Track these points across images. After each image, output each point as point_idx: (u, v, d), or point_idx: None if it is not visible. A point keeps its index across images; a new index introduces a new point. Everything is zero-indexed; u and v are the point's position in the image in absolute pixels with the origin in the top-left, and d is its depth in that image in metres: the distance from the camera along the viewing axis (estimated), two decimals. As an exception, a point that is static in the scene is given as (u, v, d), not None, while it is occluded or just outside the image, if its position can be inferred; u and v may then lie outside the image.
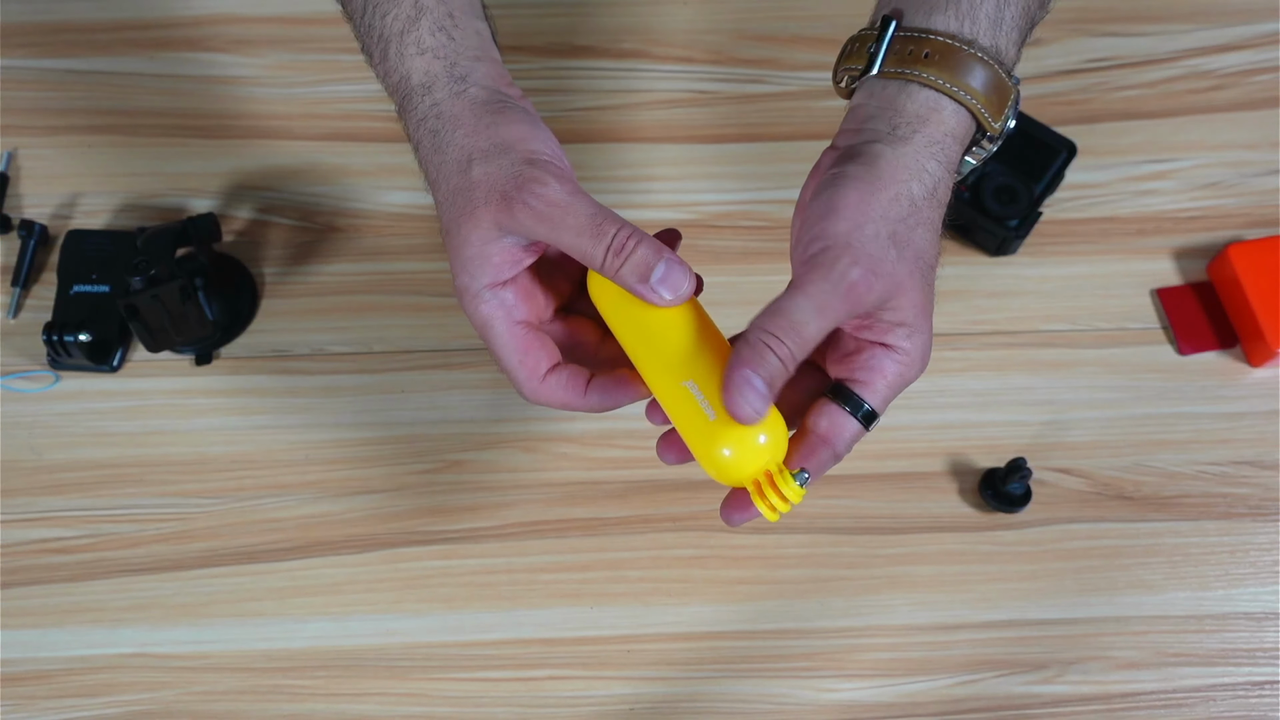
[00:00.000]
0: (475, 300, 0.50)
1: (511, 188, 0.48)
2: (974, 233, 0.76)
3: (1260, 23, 0.85)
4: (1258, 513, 0.70)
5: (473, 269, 0.50)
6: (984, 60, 0.49)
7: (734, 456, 0.47)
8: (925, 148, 0.49)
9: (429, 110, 0.51)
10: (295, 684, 0.66)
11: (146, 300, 0.67)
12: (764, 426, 0.47)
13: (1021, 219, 0.74)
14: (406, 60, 0.51)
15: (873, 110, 0.51)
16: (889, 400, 0.51)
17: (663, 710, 0.66)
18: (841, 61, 0.53)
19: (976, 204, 0.74)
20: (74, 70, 0.82)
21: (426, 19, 0.51)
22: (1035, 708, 0.66)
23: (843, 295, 0.47)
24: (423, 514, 0.70)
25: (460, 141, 0.50)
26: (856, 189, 0.48)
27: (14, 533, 0.69)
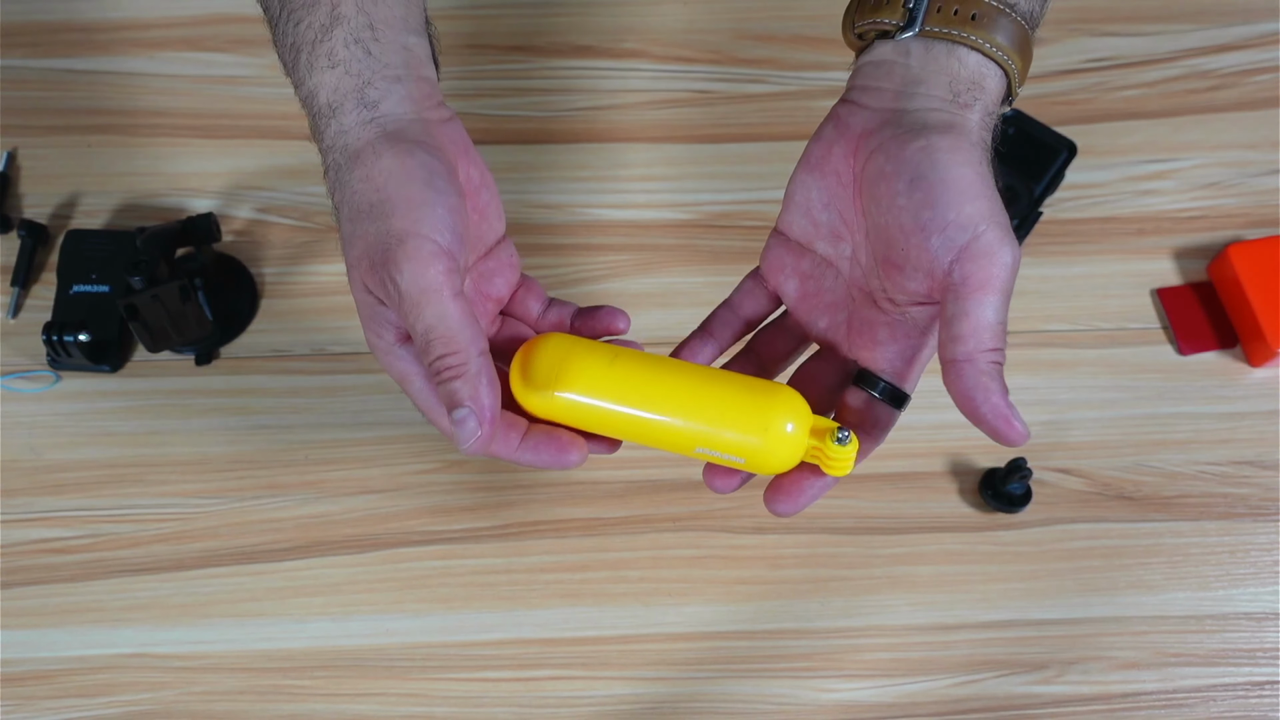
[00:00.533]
0: (389, 356, 0.49)
1: (377, 258, 0.45)
2: None
3: (1260, 23, 0.85)
4: (1258, 513, 0.70)
5: (377, 327, 0.48)
6: (1020, 24, 0.47)
7: (785, 462, 0.48)
8: (984, 118, 0.47)
9: (335, 139, 0.47)
10: (295, 684, 0.66)
11: (146, 300, 0.67)
12: (786, 412, 0.47)
13: (1022, 219, 0.74)
14: (315, 74, 0.47)
15: (917, 73, 0.47)
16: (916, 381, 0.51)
17: (663, 710, 0.66)
18: (864, 13, 0.49)
19: None
20: (74, 70, 0.82)
21: (341, 29, 0.47)
22: (1035, 708, 0.66)
23: (1013, 273, 0.45)
24: (423, 514, 0.70)
25: (354, 186, 0.46)
26: (967, 165, 0.45)
27: (14, 533, 0.69)
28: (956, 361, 0.45)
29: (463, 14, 0.84)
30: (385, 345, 0.49)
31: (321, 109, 0.47)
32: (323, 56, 0.47)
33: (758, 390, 0.48)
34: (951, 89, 0.47)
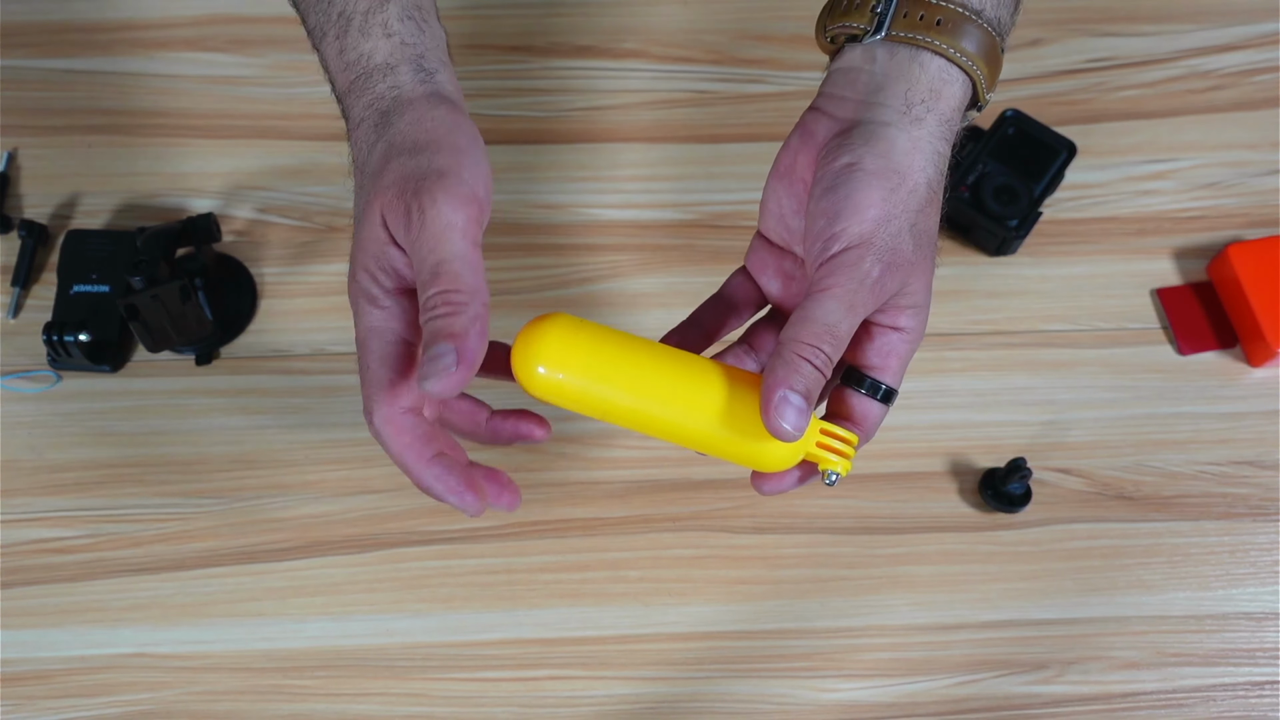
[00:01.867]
0: (364, 304, 0.48)
1: (409, 187, 0.46)
2: (974, 232, 0.76)
3: (1260, 23, 0.85)
4: (1258, 513, 0.70)
5: (370, 266, 0.48)
6: (988, 31, 0.49)
7: (784, 462, 0.48)
8: (938, 128, 0.48)
9: (386, 90, 0.49)
10: (295, 684, 0.66)
11: (146, 300, 0.67)
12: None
13: (1021, 219, 0.74)
14: (370, 40, 0.49)
15: (880, 79, 0.49)
16: (902, 376, 0.51)
17: (663, 710, 0.66)
18: (834, 17, 0.50)
19: (977, 204, 0.74)
20: (74, 70, 0.82)
21: (394, 4, 0.50)
22: (1035, 708, 0.66)
23: (869, 291, 0.47)
24: (423, 514, 0.70)
25: (400, 127, 0.48)
26: (878, 186, 0.47)
27: (14, 533, 0.69)
28: (779, 343, 0.47)
29: (463, 14, 0.84)
30: (371, 291, 0.48)
31: (377, 67, 0.49)
32: (377, 25, 0.49)
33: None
34: (907, 99, 0.48)
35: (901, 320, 0.50)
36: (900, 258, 0.47)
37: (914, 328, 0.50)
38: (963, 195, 0.74)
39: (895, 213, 0.47)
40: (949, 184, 0.51)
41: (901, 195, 0.48)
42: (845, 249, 0.47)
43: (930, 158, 0.48)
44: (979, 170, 0.75)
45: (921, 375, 0.74)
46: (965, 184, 0.74)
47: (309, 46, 0.54)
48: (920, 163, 0.48)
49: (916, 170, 0.48)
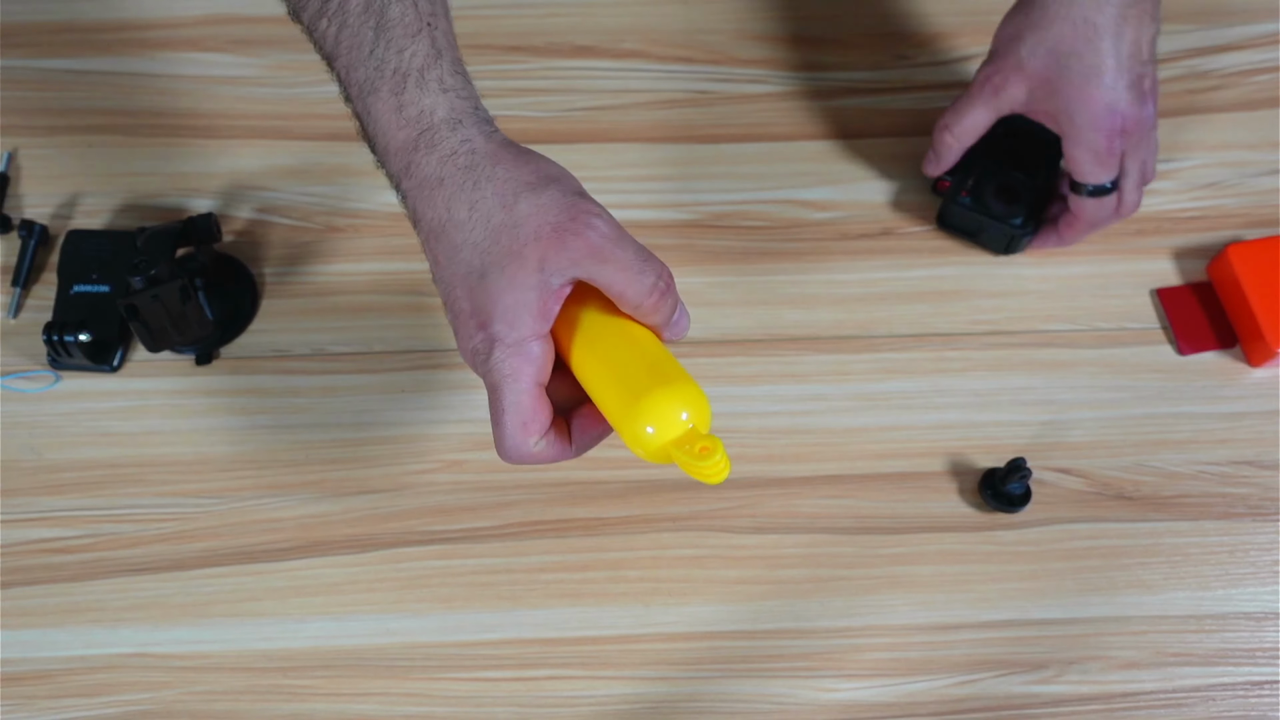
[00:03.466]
0: (509, 352, 0.48)
1: (566, 219, 0.48)
2: (981, 235, 0.76)
3: (1260, 23, 0.85)
4: (1257, 513, 0.70)
5: (514, 316, 0.48)
6: None
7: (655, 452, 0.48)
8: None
9: (460, 145, 0.49)
10: (295, 684, 0.66)
11: (146, 300, 0.67)
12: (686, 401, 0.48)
13: (1025, 216, 0.74)
14: (429, 95, 0.50)
15: None
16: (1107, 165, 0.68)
17: (663, 710, 0.66)
18: None
19: (980, 206, 0.74)
20: (74, 70, 0.82)
21: (445, 59, 0.51)
22: (1035, 708, 0.66)
23: (980, 89, 0.70)
24: (423, 514, 0.70)
25: (503, 175, 0.49)
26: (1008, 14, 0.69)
27: (14, 533, 0.69)
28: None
29: (463, 14, 0.84)
30: (514, 337, 0.48)
31: (443, 121, 0.50)
32: (434, 81, 0.50)
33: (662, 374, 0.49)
34: None
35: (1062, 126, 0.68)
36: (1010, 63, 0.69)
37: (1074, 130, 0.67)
38: (964, 201, 0.74)
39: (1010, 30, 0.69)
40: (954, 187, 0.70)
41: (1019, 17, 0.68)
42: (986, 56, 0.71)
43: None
44: (976, 172, 0.75)
45: (921, 375, 0.74)
46: (965, 188, 0.75)
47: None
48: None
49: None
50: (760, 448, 0.72)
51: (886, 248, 0.77)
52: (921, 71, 0.83)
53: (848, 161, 0.80)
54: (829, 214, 0.78)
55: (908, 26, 0.85)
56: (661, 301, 0.49)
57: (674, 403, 0.47)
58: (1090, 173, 0.69)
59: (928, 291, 0.76)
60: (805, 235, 0.78)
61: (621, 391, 0.48)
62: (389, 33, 0.51)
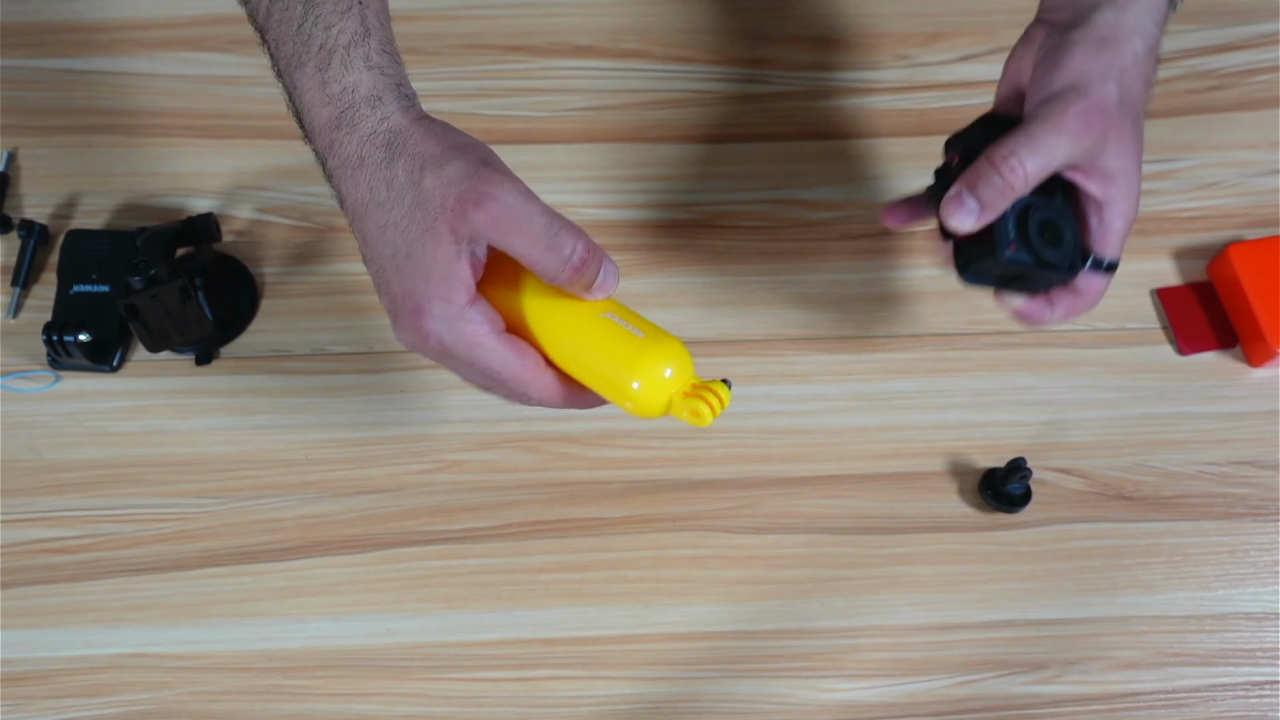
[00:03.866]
0: (459, 321, 0.50)
1: (468, 190, 0.48)
2: (1016, 284, 0.61)
3: (1260, 23, 0.85)
4: (1258, 513, 0.70)
5: (447, 290, 0.49)
6: None
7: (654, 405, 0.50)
8: (1145, 11, 0.57)
9: (379, 124, 0.50)
10: (295, 684, 0.66)
11: (146, 300, 0.67)
12: (669, 358, 0.50)
13: (1074, 255, 0.59)
14: (353, 72, 0.51)
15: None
16: (1120, 247, 0.60)
17: (663, 710, 0.66)
18: None
19: (1033, 255, 0.58)
20: (74, 70, 0.82)
21: (374, 38, 0.51)
22: (1035, 708, 0.66)
23: (1074, 119, 0.55)
24: (423, 514, 0.70)
25: (412, 150, 0.49)
26: (1082, 49, 0.56)
27: (14, 533, 0.69)
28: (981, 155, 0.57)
29: (463, 14, 0.84)
30: (454, 311, 0.50)
31: (364, 99, 0.50)
32: (359, 59, 0.51)
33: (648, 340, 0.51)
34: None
35: (1111, 190, 0.57)
36: (1104, 101, 0.55)
37: (1122, 199, 0.57)
38: (1012, 256, 0.57)
39: (1099, 67, 0.55)
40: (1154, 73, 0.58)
41: (1106, 56, 0.56)
42: (1054, 93, 0.56)
43: (1135, 30, 0.56)
44: (1006, 213, 0.57)
45: (921, 375, 0.74)
46: (1011, 239, 0.57)
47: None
48: (1125, 34, 0.56)
49: (1120, 40, 0.56)
50: (760, 448, 0.72)
51: (886, 248, 0.77)
52: (921, 71, 0.83)
53: (848, 161, 0.80)
54: (829, 214, 0.78)
55: (908, 26, 0.85)
56: (577, 275, 0.50)
57: (663, 361, 0.51)
58: (1118, 245, 0.59)
59: (928, 291, 0.76)
60: (805, 235, 0.78)
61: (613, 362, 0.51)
62: (318, 9, 0.51)
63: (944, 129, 0.77)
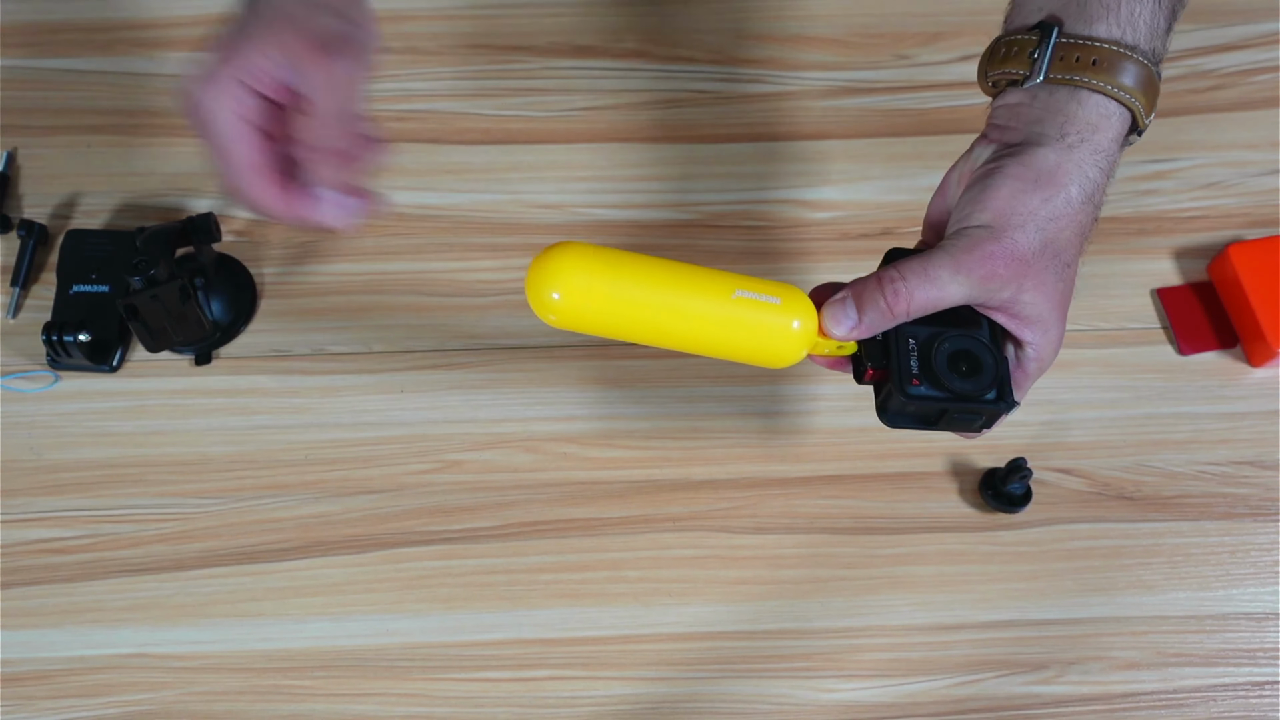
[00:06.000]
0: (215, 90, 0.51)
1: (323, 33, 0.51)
2: (942, 422, 0.55)
3: (1260, 23, 0.85)
4: (1258, 513, 0.70)
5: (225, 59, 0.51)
6: (1142, 63, 0.52)
7: (803, 327, 0.52)
8: (1090, 156, 0.52)
9: None
10: (295, 684, 0.66)
11: (146, 300, 0.67)
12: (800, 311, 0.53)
13: (1000, 383, 0.54)
14: None
15: (1039, 113, 0.53)
16: (1028, 390, 0.56)
17: (663, 710, 0.66)
18: (994, 65, 0.55)
19: (940, 390, 0.53)
20: (74, 70, 0.82)
21: None
22: (1036, 708, 0.66)
23: (977, 261, 0.51)
24: (423, 514, 0.70)
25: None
26: (1011, 185, 0.52)
27: (14, 533, 0.69)
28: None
29: (463, 14, 0.84)
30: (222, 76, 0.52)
31: None
32: None
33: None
34: (1061, 129, 0.52)
35: (1026, 334, 0.54)
36: (1018, 249, 0.51)
37: (1039, 344, 0.54)
38: (917, 391, 0.53)
39: (1023, 210, 0.51)
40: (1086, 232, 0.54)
41: (1035, 199, 0.51)
42: (970, 228, 0.52)
43: (1075, 176, 0.52)
44: (906, 343, 0.54)
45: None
46: (913, 374, 0.53)
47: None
48: (1062, 178, 0.52)
49: (1058, 182, 0.52)
50: (760, 448, 0.72)
51: (886, 248, 0.77)
52: (921, 71, 0.83)
53: (848, 161, 0.80)
54: (829, 214, 0.78)
55: (908, 26, 0.84)
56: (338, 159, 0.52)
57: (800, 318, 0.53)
58: (1026, 388, 0.56)
59: (928, 291, 0.76)
60: (805, 235, 0.78)
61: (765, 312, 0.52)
62: None
63: (944, 129, 0.78)
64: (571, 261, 0.49)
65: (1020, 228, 0.51)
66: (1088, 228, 0.54)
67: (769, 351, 0.53)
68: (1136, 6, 0.52)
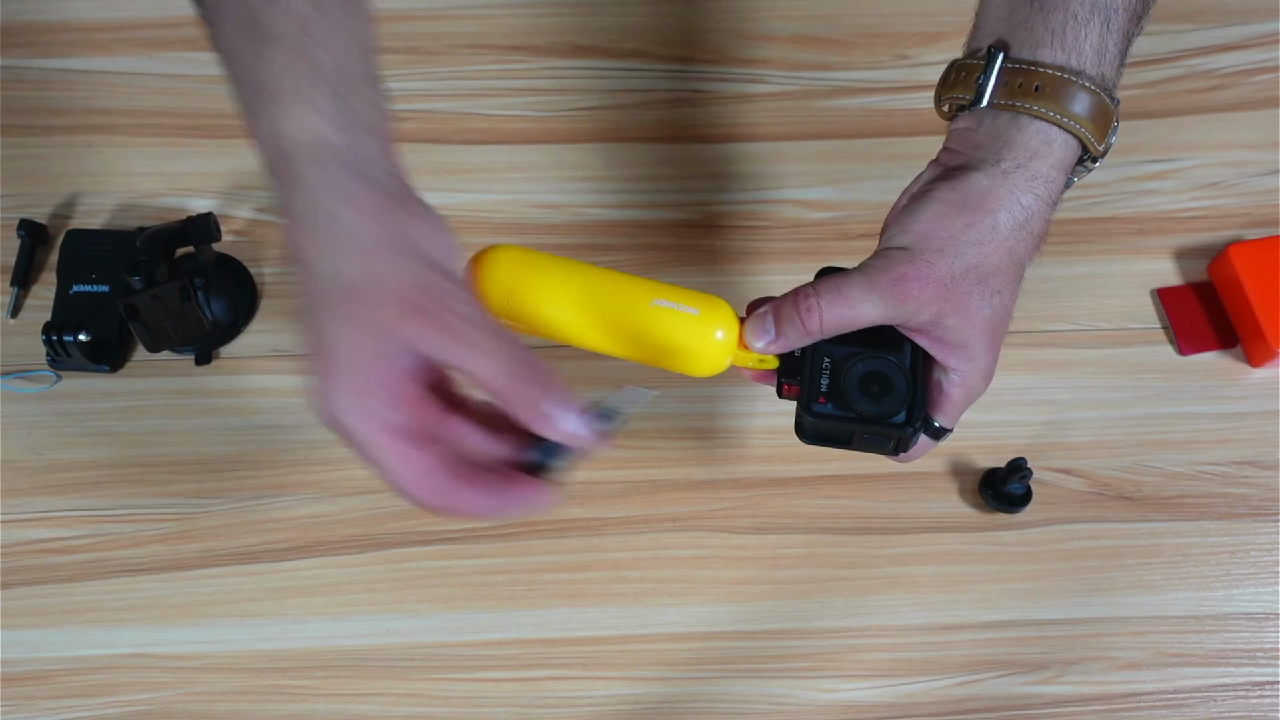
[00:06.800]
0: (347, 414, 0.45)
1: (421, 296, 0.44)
2: (854, 442, 0.56)
3: (1260, 23, 0.85)
4: (1258, 513, 0.70)
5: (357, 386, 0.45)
6: (1090, 89, 0.52)
7: (726, 337, 0.54)
8: (1025, 182, 0.52)
9: (318, 180, 0.46)
10: (295, 684, 0.66)
11: (146, 300, 0.67)
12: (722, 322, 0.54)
13: (910, 407, 0.54)
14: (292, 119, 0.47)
15: (981, 138, 0.53)
16: (958, 417, 0.56)
17: (663, 710, 0.66)
18: (945, 89, 0.55)
19: (845, 409, 0.54)
20: (74, 70, 0.82)
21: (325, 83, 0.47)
22: (1036, 708, 0.66)
23: (889, 286, 0.51)
24: (423, 514, 0.69)
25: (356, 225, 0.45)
26: (935, 209, 0.52)
27: (14, 533, 0.69)
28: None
29: (463, 14, 0.84)
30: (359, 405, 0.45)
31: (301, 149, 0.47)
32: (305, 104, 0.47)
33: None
34: (998, 154, 0.52)
35: (950, 359, 0.53)
36: (934, 273, 0.51)
37: (964, 371, 0.54)
38: (823, 409, 0.54)
39: (944, 234, 0.51)
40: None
41: (958, 223, 0.51)
42: (889, 248, 0.52)
43: (1005, 202, 0.51)
44: (820, 362, 0.54)
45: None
46: (820, 391, 0.54)
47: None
48: (991, 203, 0.51)
49: (987, 208, 0.51)
50: (760, 448, 0.72)
51: (887, 248, 0.77)
52: (921, 71, 0.83)
53: (848, 161, 0.80)
54: (829, 214, 0.78)
55: (908, 26, 0.84)
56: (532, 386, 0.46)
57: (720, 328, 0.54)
58: (954, 414, 0.56)
59: (928, 291, 0.76)
60: (805, 235, 0.78)
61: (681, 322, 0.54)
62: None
63: (943, 129, 0.77)
64: (497, 264, 0.53)
65: (939, 251, 0.51)
66: (1024, 255, 0.53)
67: (689, 359, 0.54)
68: (1082, 30, 0.52)
